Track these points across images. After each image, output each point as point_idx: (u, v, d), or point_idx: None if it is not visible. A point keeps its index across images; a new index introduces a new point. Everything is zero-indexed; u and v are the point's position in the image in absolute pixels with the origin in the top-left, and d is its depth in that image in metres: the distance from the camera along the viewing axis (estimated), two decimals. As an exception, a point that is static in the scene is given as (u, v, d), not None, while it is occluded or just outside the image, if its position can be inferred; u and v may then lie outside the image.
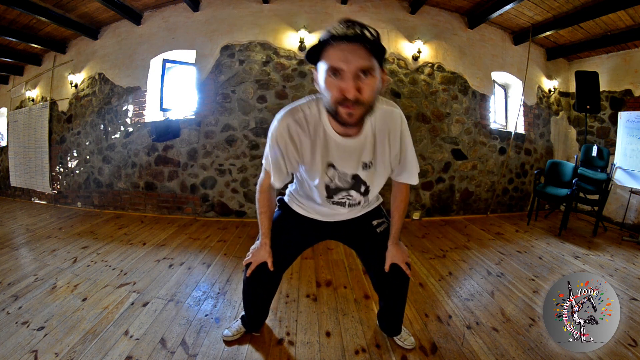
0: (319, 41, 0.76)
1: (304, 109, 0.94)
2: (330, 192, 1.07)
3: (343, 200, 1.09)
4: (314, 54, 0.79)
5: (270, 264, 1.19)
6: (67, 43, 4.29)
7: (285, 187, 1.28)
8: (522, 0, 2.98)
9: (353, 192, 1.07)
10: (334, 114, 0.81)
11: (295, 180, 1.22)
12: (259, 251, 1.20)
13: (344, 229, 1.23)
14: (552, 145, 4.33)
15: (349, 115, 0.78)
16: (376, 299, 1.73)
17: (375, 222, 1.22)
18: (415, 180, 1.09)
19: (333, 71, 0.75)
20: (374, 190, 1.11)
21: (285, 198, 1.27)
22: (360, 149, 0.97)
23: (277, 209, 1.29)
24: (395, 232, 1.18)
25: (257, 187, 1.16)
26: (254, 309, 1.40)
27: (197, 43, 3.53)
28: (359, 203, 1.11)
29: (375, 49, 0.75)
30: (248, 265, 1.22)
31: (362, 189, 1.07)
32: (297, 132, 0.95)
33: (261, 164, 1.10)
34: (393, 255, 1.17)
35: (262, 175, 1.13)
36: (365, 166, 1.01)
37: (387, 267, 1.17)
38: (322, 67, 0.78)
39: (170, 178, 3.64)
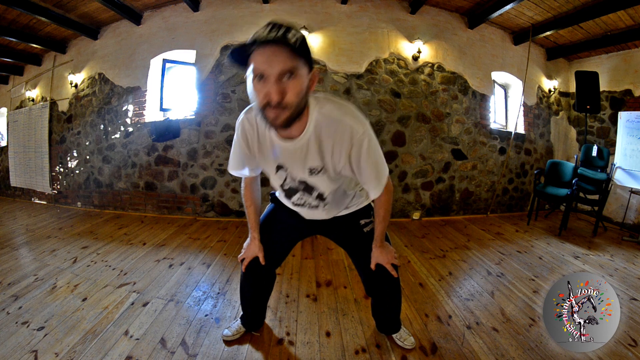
0: (242, 45, 0.73)
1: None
2: (286, 193, 1.10)
3: (302, 202, 1.10)
4: (242, 59, 0.77)
5: (261, 258, 1.20)
6: (67, 43, 4.29)
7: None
8: (522, 0, 2.98)
9: (307, 196, 1.08)
10: (263, 118, 0.81)
11: None
12: (250, 246, 1.23)
13: (332, 226, 1.24)
14: (552, 145, 4.33)
15: (275, 118, 0.78)
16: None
17: (362, 222, 1.22)
18: (373, 195, 1.05)
19: (258, 75, 0.75)
20: (330, 196, 1.08)
21: (276, 192, 1.28)
22: (304, 153, 0.94)
23: (269, 202, 1.32)
24: (378, 236, 1.16)
25: (242, 182, 1.20)
26: (251, 307, 1.41)
27: (197, 43, 3.53)
28: (318, 207, 1.11)
29: (300, 49, 0.74)
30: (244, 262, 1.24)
31: (314, 194, 1.06)
32: (249, 131, 0.99)
33: None
34: (377, 256, 1.18)
35: None
36: (314, 171, 0.99)
37: (372, 266, 1.18)
38: (249, 72, 0.77)
39: (170, 178, 3.64)
